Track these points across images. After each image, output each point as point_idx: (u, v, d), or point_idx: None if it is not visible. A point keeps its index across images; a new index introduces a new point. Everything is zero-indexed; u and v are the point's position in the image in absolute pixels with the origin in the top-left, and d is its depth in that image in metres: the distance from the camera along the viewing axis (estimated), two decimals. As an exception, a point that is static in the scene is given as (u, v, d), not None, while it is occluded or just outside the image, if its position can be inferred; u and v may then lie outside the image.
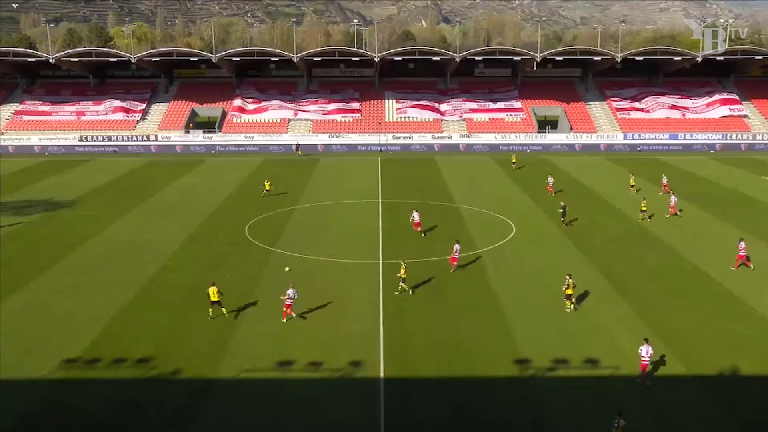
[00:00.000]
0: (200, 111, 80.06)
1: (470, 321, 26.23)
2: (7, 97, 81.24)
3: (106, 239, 37.84)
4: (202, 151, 72.93)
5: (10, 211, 44.26)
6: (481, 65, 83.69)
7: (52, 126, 76.10)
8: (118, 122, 76.93)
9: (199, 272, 32.01)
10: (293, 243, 36.31)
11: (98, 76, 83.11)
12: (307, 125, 77.34)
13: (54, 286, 30.10)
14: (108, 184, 54.66)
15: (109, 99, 79.69)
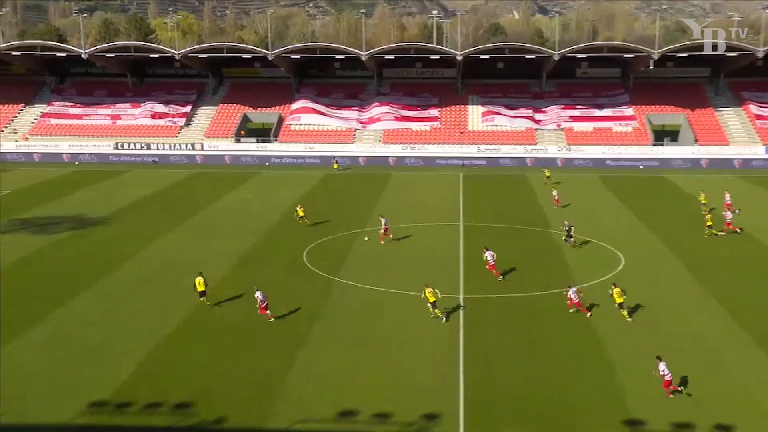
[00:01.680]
0: (253, 116, 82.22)
1: (569, 370, 25.53)
2: (34, 97, 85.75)
3: (143, 262, 38.98)
4: (255, 162, 74.66)
5: (34, 229, 46.36)
6: (585, 64, 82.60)
7: (84, 131, 79.71)
8: (159, 128, 79.87)
9: (250, 301, 32.38)
10: (358, 271, 36.52)
11: (137, 74, 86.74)
12: (377, 134, 78.06)
13: (82, 315, 31.11)
14: (146, 198, 56.59)
15: (148, 101, 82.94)
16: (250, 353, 27.28)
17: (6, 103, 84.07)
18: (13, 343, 28.11)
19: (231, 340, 28.48)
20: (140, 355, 27.06)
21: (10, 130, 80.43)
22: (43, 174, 67.93)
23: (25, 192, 59.48)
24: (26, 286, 35.00)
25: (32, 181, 64.41)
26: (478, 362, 26.43)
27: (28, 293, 34.01)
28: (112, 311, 31.49)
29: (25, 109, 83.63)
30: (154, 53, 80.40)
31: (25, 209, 52.29)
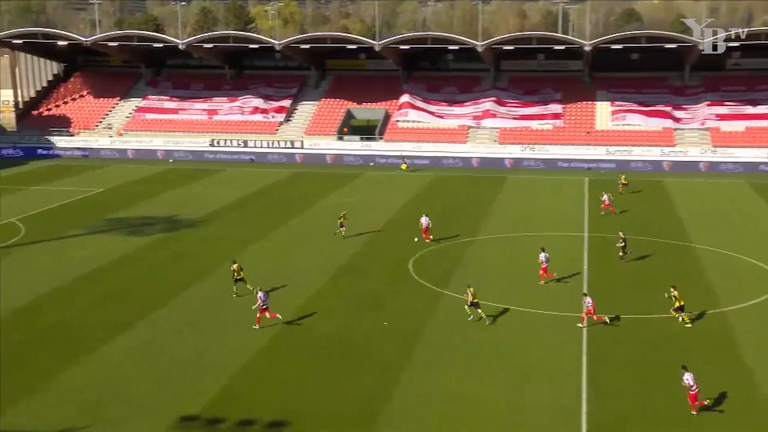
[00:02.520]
0: (357, 112, 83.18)
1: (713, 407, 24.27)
2: (129, 90, 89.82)
3: (236, 268, 39.94)
4: (359, 162, 75.49)
5: (126, 230, 48.37)
6: (737, 54, 78.90)
7: (179, 126, 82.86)
8: (257, 124, 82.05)
9: (350, 315, 32.77)
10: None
11: (235, 66, 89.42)
12: (492, 133, 77.39)
13: (170, 325, 32.14)
14: (242, 199, 58.14)
15: (247, 95, 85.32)
16: (349, 370, 27.44)
17: (101, 97, 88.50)
18: (105, 348, 29.36)
19: (328, 356, 28.74)
20: (231, 368, 27.64)
21: (105, 124, 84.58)
22: (136, 172, 70.99)
23: (119, 190, 62.31)
24: (118, 290, 36.52)
25: (126, 178, 67.44)
26: (601, 387, 25.72)
27: (120, 297, 35.48)
28: (203, 321, 32.37)
29: (120, 103, 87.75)
30: (253, 43, 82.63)
31: (119, 208, 54.74)
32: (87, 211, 53.79)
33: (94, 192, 61.15)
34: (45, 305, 34.40)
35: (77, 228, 48.63)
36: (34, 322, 32.26)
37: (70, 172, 70.33)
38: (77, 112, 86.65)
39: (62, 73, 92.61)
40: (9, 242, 45.21)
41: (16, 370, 27.51)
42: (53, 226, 49.26)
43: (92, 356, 28.67)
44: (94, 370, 27.55)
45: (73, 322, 32.29)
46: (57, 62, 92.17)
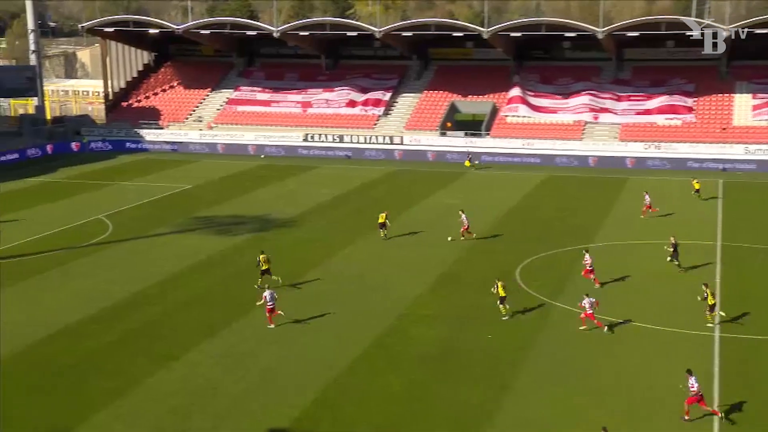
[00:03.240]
0: (462, 105, 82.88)
1: None
2: (220, 80, 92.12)
3: (330, 273, 40.43)
4: (463, 160, 75.22)
5: (214, 229, 49.54)
6: None
7: (272, 120, 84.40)
8: (354, 118, 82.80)
9: (451, 326, 32.69)
10: (583, 295, 35.48)
11: (332, 55, 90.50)
12: (613, 129, 75.76)
13: (259, 331, 32.73)
14: (337, 198, 58.80)
15: (343, 87, 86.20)
16: (449, 386, 27.36)
17: (192, 88, 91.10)
18: (190, 354, 30.17)
19: (427, 369, 28.71)
20: (322, 379, 27.92)
21: (195, 117, 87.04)
22: (226, 167, 72.68)
23: (207, 187, 63.95)
24: (204, 293, 37.45)
25: (215, 174, 69.16)
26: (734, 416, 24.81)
27: (206, 301, 36.39)
28: (294, 329, 32.83)
29: (211, 95, 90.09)
30: (351, 31, 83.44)
31: (208, 206, 56.17)
32: (174, 209, 55.41)
33: (183, 188, 62.96)
34: (131, 307, 35.59)
35: (164, 226, 50.13)
36: (120, 324, 33.41)
37: (158, 167, 72.66)
38: (167, 104, 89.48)
39: (153, 63, 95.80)
40: (96, 240, 46.99)
41: (103, 373, 28.57)
42: (140, 223, 50.92)
43: (179, 362, 29.48)
44: (181, 376, 28.33)
45: (159, 326, 33.28)
46: (148, 52, 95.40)
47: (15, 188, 63.26)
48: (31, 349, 30.77)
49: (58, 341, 31.52)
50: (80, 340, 31.68)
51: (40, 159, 76.84)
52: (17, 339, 31.60)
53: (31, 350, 30.64)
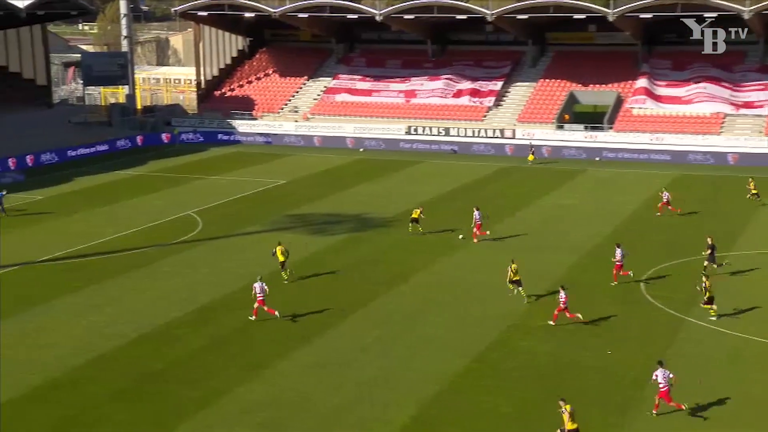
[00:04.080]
0: (582, 96, 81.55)
1: None
2: (318, 68, 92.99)
3: (432, 279, 40.39)
4: (581, 156, 74.13)
5: (308, 228, 50.08)
6: None
7: (373, 111, 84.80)
8: (462, 109, 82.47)
9: (568, 340, 32.24)
10: (719, 310, 34.80)
11: (439, 40, 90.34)
12: (757, 123, 73.38)
13: (356, 340, 32.89)
14: (441, 197, 58.74)
15: (451, 75, 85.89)
16: (564, 407, 26.84)
17: (288, 76, 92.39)
18: (282, 363, 30.55)
19: (538, 387, 28.34)
20: (422, 395, 27.83)
21: (291, 107, 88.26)
22: (323, 162, 73.46)
23: (302, 182, 64.77)
24: (295, 298, 37.78)
25: (311, 169, 69.98)
26: None
27: (299, 306, 36.68)
28: (390, 338, 32.89)
29: (308, 83, 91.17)
30: (461, 14, 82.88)
31: (302, 203, 56.89)
32: (267, 205, 56.30)
33: (276, 184, 63.94)
34: (220, 310, 36.30)
35: (256, 224, 50.97)
36: (208, 329, 34.13)
37: (250, 161, 73.98)
38: (261, 93, 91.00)
39: (247, 49, 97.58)
40: (185, 237, 48.16)
41: (190, 380, 29.20)
42: (231, 221, 51.91)
43: (269, 371, 29.87)
44: (271, 387, 28.70)
45: (249, 332, 33.79)
46: (242, 37, 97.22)
47: (105, 181, 65.47)
48: (117, 352, 31.72)
49: (145, 345, 32.40)
50: (167, 344, 32.49)
51: (129, 151, 79.24)
52: (103, 341, 32.63)
53: (117, 353, 31.58)
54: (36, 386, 28.54)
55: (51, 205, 57.34)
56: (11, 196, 56.94)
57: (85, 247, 46.13)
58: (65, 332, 33.72)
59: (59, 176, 66.79)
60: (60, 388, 28.57)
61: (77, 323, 34.71)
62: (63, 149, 74.73)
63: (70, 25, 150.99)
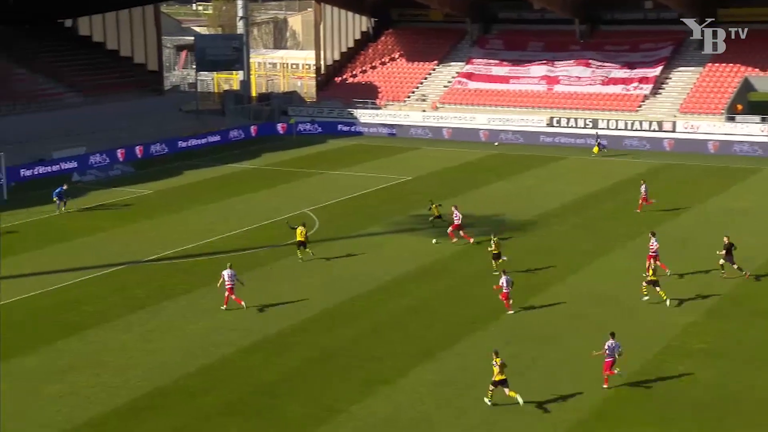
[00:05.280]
0: (760, 83, 78.92)
1: None
2: (449, 51, 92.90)
3: (573, 291, 39.92)
4: (755, 153, 72.15)
5: (435, 230, 49.79)
6: None
7: (510, 100, 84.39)
8: (613, 98, 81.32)
9: (732, 365, 31.45)
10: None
11: (589, 19, 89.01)
12: None
13: (486, 357, 32.02)
14: (585, 198, 58.16)
15: (601, 59, 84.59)
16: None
17: (416, 61, 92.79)
18: (403, 379, 30.70)
19: (697, 419, 27.65)
20: (560, 424, 27.55)
21: (418, 95, 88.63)
22: (452, 156, 73.57)
23: (429, 179, 65.06)
24: (421, 307, 37.98)
25: (439, 165, 70.18)
26: None
27: (422, 316, 36.92)
28: (525, 356, 32.57)
29: (438, 69, 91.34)
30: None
31: (424, 203, 56.80)
32: (390, 204, 56.72)
33: (400, 180, 64.40)
34: (336, 319, 36.84)
35: (377, 224, 51.43)
36: (323, 339, 34.62)
37: (373, 154, 74.75)
38: (386, 80, 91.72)
39: (372, 30, 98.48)
40: (300, 237, 48.93)
41: (303, 395, 29.63)
42: (350, 220, 52.57)
43: (388, 388, 30.07)
44: (390, 406, 28.86)
45: (367, 343, 34.12)
46: (367, 17, 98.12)
47: (216, 175, 67.38)
48: (226, 360, 32.51)
49: (255, 354, 33.13)
50: (279, 354, 33.14)
51: (242, 142, 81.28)
52: (212, 348, 33.52)
53: (226, 362, 32.37)
54: (144, 394, 29.54)
55: (160, 200, 59.39)
56: (119, 190, 59.41)
57: (193, 246, 47.56)
58: (173, 338, 34.82)
59: (169, 169, 69.14)
60: (168, 397, 29.52)
61: (185, 328, 35.78)
62: (173, 140, 77.36)
63: (183, 5, 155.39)
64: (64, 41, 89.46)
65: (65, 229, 51.97)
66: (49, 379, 30.62)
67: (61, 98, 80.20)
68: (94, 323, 36.27)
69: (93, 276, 42.70)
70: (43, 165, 67.10)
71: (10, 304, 38.61)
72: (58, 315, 37.53)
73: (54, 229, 51.90)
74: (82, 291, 40.69)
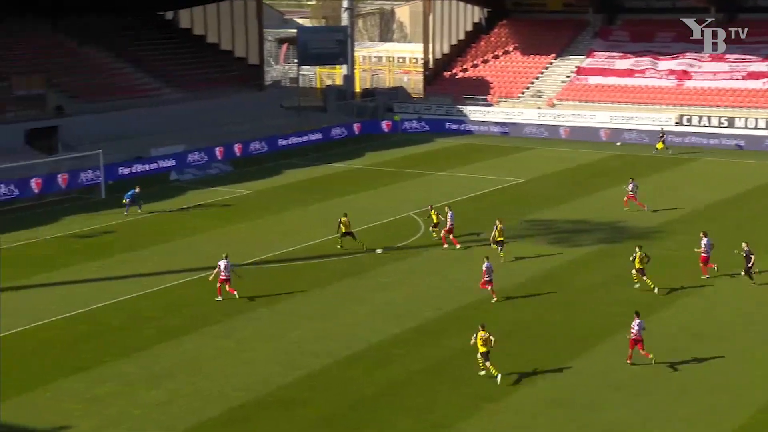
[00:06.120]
0: None
1: None
2: (569, 44, 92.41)
3: (707, 302, 39.39)
4: None
5: (550, 238, 50.04)
6: None
7: (635, 96, 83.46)
8: (753, 94, 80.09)
9: None
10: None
11: (727, 6, 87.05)
12: None
13: (606, 374, 32.47)
14: (717, 204, 57.35)
15: (741, 51, 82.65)
16: None
17: (531, 54, 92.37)
18: (510, 398, 30.60)
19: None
20: None
21: (533, 91, 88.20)
22: (570, 157, 73.23)
23: (544, 181, 64.93)
24: (531, 320, 37.88)
25: (556, 166, 69.90)
26: None
27: (533, 330, 36.84)
28: (652, 375, 32.10)
29: (556, 62, 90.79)
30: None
31: (544, 206, 57.11)
32: (501, 208, 56.31)
33: (512, 182, 64.34)
34: (442, 329, 36.92)
35: (488, 229, 51.19)
36: (428, 350, 34.70)
37: (483, 155, 74.75)
38: (498, 75, 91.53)
39: (484, 21, 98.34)
40: (405, 243, 49.42)
41: (407, 410, 29.64)
42: (457, 224, 52.24)
43: (497, 406, 29.97)
44: (500, 425, 28.84)
45: (474, 357, 33.96)
46: (480, 7, 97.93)
47: (317, 175, 68.32)
48: (326, 371, 32.77)
49: (356, 365, 33.35)
50: (381, 365, 33.35)
51: (345, 140, 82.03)
52: (311, 359, 33.86)
53: (326, 373, 32.64)
54: (240, 404, 29.99)
55: (259, 200, 60.46)
56: (218, 190, 60.59)
57: (292, 250, 48.28)
58: (270, 346, 35.31)
59: (268, 168, 70.27)
60: (264, 408, 29.90)
61: (283, 337, 36.28)
62: (273, 138, 78.40)
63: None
64: (165, 34, 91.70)
65: (163, 229, 53.30)
66: (145, 385, 31.44)
67: (160, 93, 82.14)
68: (192, 328, 37.12)
69: (190, 279, 43.71)
70: (141, 163, 68.86)
71: (106, 306, 39.85)
72: (156, 319, 38.54)
73: (152, 230, 53.24)
74: (179, 294, 41.74)
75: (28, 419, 28.80)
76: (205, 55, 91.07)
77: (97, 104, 75.32)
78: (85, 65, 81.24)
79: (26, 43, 79.78)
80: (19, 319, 37.85)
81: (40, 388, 31.17)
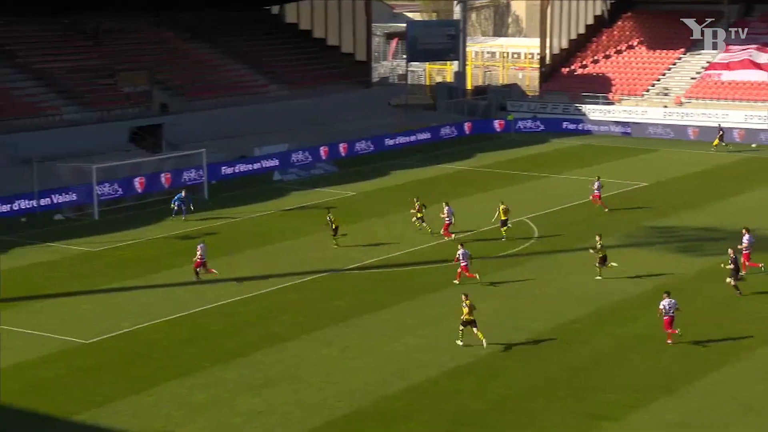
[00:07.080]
0: None
1: None
2: (700, 39, 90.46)
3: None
4: None
5: (675, 246, 49.39)
6: None
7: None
8: None
9: None
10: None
11: None
12: None
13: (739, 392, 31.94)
14: None
15: None
16: None
17: (657, 49, 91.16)
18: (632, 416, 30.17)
19: None
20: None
21: (659, 89, 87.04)
22: (698, 159, 72.42)
23: (671, 185, 64.61)
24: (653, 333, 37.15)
25: (683, 169, 69.16)
26: None
27: (656, 344, 36.25)
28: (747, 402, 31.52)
29: (684, 58, 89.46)
30: None
31: (669, 212, 56.89)
32: (623, 213, 56.09)
33: (636, 186, 63.83)
34: (554, 343, 36.78)
35: (608, 236, 50.36)
36: (540, 366, 34.64)
37: (603, 156, 74.11)
38: (621, 71, 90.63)
39: (607, 14, 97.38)
40: (517, 249, 49.42)
41: (517, 427, 29.70)
42: (574, 230, 52.27)
43: (614, 425, 29.71)
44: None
45: (588, 373, 33.76)
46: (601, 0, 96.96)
47: (424, 176, 68.55)
48: (431, 383, 32.95)
49: (463, 377, 33.45)
50: (489, 379, 33.40)
51: (454, 140, 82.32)
52: (416, 369, 33.98)
53: (431, 385, 32.80)
54: (341, 416, 30.35)
55: (364, 202, 61.09)
56: (322, 191, 61.48)
57: (399, 255, 48.68)
58: (375, 355, 35.72)
59: (374, 169, 70.81)
60: (366, 420, 30.23)
61: (388, 345, 36.62)
62: (380, 137, 79.04)
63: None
64: (270, 29, 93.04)
65: (266, 231, 54.16)
66: (245, 393, 32.03)
67: (266, 90, 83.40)
68: (293, 335, 37.68)
69: (293, 283, 44.41)
70: (244, 163, 70.07)
71: (208, 310, 40.82)
72: (257, 324, 39.28)
73: (255, 232, 54.21)
74: (281, 299, 42.45)
75: (130, 423, 29.65)
76: (311, 51, 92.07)
77: (202, 101, 76.94)
78: (190, 61, 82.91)
79: (130, 39, 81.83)
80: (122, 321, 39.11)
81: (144, 392, 32.08)
